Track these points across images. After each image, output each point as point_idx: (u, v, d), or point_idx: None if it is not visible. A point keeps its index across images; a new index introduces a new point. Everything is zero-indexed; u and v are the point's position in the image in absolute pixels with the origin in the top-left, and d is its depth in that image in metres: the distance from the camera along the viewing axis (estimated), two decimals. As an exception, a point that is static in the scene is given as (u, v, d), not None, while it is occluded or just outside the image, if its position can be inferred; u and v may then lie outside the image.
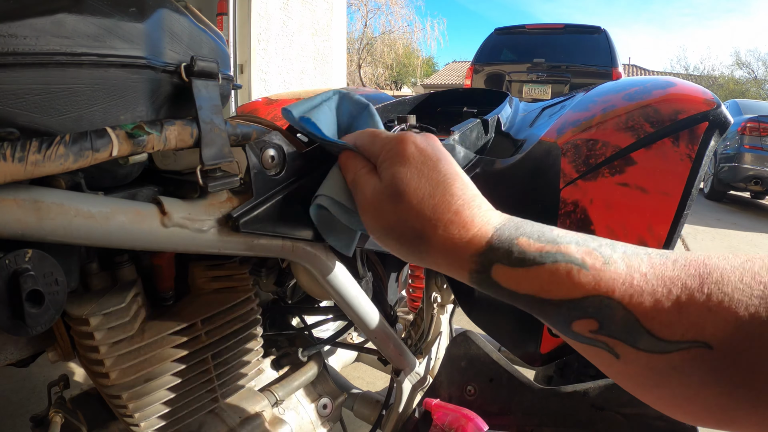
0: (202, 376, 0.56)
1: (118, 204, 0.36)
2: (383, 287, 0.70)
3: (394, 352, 0.72)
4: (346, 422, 0.89)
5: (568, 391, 0.65)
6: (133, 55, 0.36)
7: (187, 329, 0.53)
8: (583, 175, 0.59)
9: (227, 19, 3.04)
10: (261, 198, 0.42)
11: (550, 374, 0.97)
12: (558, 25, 5.47)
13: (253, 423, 0.65)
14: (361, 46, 22.93)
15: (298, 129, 0.47)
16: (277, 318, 0.83)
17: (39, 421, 0.55)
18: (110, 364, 0.47)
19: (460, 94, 1.18)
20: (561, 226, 0.59)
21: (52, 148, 0.31)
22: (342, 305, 0.59)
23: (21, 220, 0.31)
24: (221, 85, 0.43)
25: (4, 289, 0.33)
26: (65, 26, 0.32)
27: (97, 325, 0.45)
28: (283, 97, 1.06)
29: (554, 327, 0.30)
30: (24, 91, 0.31)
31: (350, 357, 1.13)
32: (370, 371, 1.57)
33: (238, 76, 3.22)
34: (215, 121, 0.41)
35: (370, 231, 0.38)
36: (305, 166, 0.46)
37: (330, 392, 0.81)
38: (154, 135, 0.37)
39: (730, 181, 5.71)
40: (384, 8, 23.03)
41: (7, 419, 1.27)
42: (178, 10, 0.42)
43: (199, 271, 0.57)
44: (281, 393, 0.72)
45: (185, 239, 0.40)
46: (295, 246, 0.48)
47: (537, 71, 5.19)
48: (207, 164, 0.40)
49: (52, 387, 0.59)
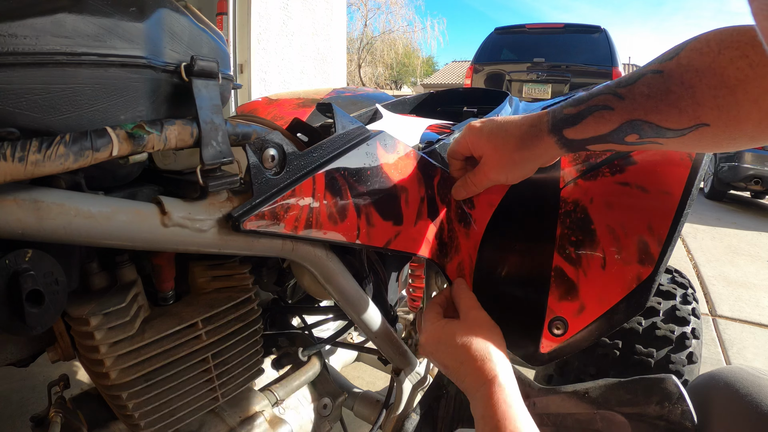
0: (202, 376, 0.56)
1: (118, 204, 0.36)
2: (383, 287, 0.70)
3: (395, 351, 0.72)
4: (346, 422, 0.89)
5: (568, 391, 0.65)
6: (133, 54, 0.36)
7: (187, 329, 0.53)
8: (583, 175, 0.59)
9: (227, 19, 3.03)
10: (261, 198, 0.42)
11: (550, 374, 0.97)
12: (558, 24, 5.46)
13: (253, 423, 0.65)
14: (361, 46, 22.92)
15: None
16: (277, 318, 0.83)
17: (39, 420, 0.55)
18: (110, 364, 0.47)
19: (461, 93, 1.18)
20: (561, 226, 0.59)
21: (53, 148, 0.31)
22: (342, 305, 0.59)
23: (21, 220, 0.31)
24: (221, 84, 0.43)
25: (4, 289, 0.33)
26: (65, 26, 0.32)
27: (97, 324, 0.45)
28: (283, 97, 1.06)
29: (616, 145, 0.45)
30: (24, 90, 0.31)
31: (350, 357, 1.13)
32: (370, 371, 1.57)
33: (237, 75, 3.22)
34: (215, 121, 0.41)
35: None
36: (305, 166, 0.46)
37: (330, 392, 0.81)
38: (154, 135, 0.37)
39: (730, 181, 5.71)
40: (384, 8, 23.05)
41: (7, 419, 1.27)
42: (178, 9, 0.42)
43: (199, 270, 0.57)
44: (281, 393, 0.72)
45: (185, 239, 0.40)
46: (295, 246, 0.48)
47: (537, 71, 5.19)
48: (207, 164, 0.40)
49: (52, 387, 0.59)
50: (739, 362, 1.93)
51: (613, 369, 0.90)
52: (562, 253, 0.58)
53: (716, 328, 2.23)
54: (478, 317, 0.54)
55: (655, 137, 0.43)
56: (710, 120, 0.39)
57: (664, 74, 0.40)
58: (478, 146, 0.54)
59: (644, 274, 0.54)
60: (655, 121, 0.41)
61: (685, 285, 1.04)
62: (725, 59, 0.37)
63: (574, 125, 0.45)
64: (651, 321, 0.93)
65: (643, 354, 0.89)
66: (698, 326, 0.95)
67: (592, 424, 0.62)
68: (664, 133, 0.42)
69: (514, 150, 0.50)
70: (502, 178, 0.54)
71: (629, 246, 0.55)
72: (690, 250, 3.58)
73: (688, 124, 0.40)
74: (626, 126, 0.43)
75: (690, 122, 0.40)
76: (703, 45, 0.39)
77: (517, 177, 0.54)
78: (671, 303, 0.97)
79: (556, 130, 0.47)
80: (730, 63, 0.37)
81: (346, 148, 0.49)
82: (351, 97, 1.05)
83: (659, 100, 0.41)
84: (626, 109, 0.42)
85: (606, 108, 0.43)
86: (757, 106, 0.36)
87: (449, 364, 0.52)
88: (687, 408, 0.57)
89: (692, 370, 0.89)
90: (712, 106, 0.38)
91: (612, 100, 0.43)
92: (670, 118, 0.40)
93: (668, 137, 0.42)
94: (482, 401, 0.47)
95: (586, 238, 0.57)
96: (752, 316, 2.38)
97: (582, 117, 0.45)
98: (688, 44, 0.40)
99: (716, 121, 0.39)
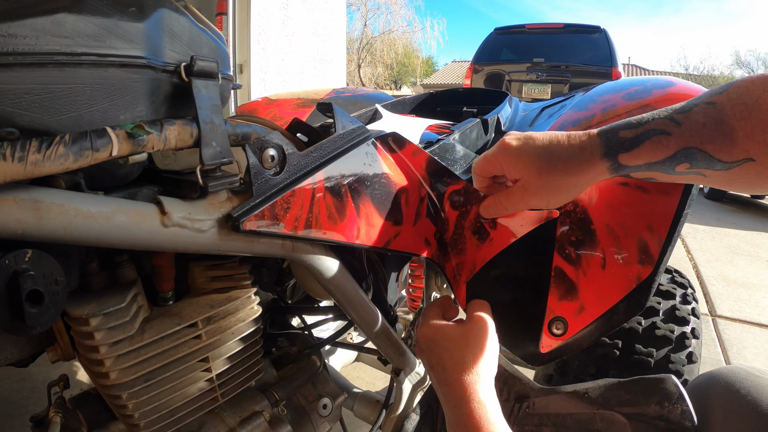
0: (202, 376, 0.56)
1: (118, 204, 0.36)
2: (383, 287, 0.70)
3: (394, 351, 0.72)
4: (346, 422, 0.89)
5: (568, 391, 0.65)
6: (132, 54, 0.36)
7: (187, 329, 0.53)
8: (583, 175, 0.59)
9: (227, 19, 3.03)
10: (261, 198, 0.42)
11: (550, 373, 0.97)
12: (558, 24, 5.46)
13: (253, 423, 0.65)
14: (360, 46, 22.92)
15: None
16: (277, 318, 0.83)
17: (39, 421, 0.55)
18: (110, 364, 0.47)
19: (460, 93, 1.18)
20: (561, 226, 0.59)
21: (52, 148, 0.31)
22: (342, 305, 0.59)
23: (21, 220, 0.31)
24: (221, 84, 0.43)
25: (4, 289, 0.33)
26: (65, 26, 0.32)
27: (97, 325, 0.45)
28: (282, 97, 1.06)
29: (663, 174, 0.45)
30: (24, 90, 0.31)
31: (350, 357, 1.13)
32: (370, 371, 1.57)
33: (237, 76, 3.22)
34: (215, 121, 0.41)
35: None
36: (305, 166, 0.46)
37: (330, 392, 0.81)
38: (154, 135, 0.37)
39: (730, 181, 5.70)
40: (384, 8, 23.05)
41: (7, 419, 1.27)
42: (177, 9, 0.41)
43: (199, 270, 0.57)
44: (281, 393, 0.72)
45: (185, 239, 0.40)
46: (295, 246, 0.48)
47: (537, 71, 5.19)
48: (207, 164, 0.40)
49: (52, 387, 0.59)
50: (738, 362, 1.93)
51: (613, 369, 0.90)
52: (562, 253, 0.58)
53: (716, 328, 2.23)
54: (479, 326, 0.53)
55: (705, 168, 0.42)
56: (757, 155, 0.39)
57: (717, 105, 0.41)
58: (515, 169, 0.48)
59: (644, 274, 0.54)
60: (710, 150, 0.41)
61: (684, 285, 1.04)
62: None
63: (630, 150, 0.43)
64: (651, 321, 0.93)
65: (643, 354, 0.89)
66: (698, 326, 0.95)
67: (592, 424, 0.62)
68: (714, 165, 0.41)
69: (561, 176, 0.46)
70: (543, 204, 0.49)
71: (629, 246, 0.55)
72: (690, 250, 3.58)
73: (738, 157, 0.40)
74: (681, 154, 0.42)
75: (739, 155, 0.40)
76: (748, 83, 0.40)
77: (560, 202, 0.50)
78: (671, 303, 0.97)
79: (611, 154, 0.44)
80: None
81: (346, 148, 0.49)
82: (351, 97, 1.05)
83: (714, 130, 0.40)
84: (683, 136, 0.41)
85: (663, 133, 0.42)
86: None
87: (434, 366, 0.51)
88: (687, 408, 0.57)
89: (692, 370, 0.89)
90: (760, 140, 0.39)
91: (669, 125, 0.42)
92: (723, 149, 0.40)
93: (716, 169, 0.42)
94: (462, 417, 0.46)
95: (585, 238, 0.57)
96: (752, 316, 2.38)
97: (640, 141, 0.43)
98: (735, 82, 0.41)
99: (762, 158, 0.39)
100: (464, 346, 0.50)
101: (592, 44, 5.11)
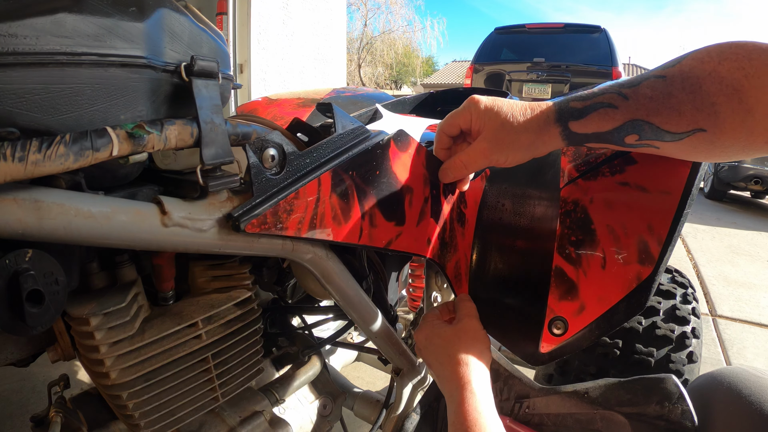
0: (202, 376, 0.56)
1: (119, 204, 0.36)
2: (383, 287, 0.70)
3: (395, 351, 0.72)
4: (346, 422, 0.89)
5: (568, 391, 0.65)
6: (133, 54, 0.36)
7: (187, 329, 0.53)
8: (583, 174, 0.59)
9: (227, 19, 3.03)
10: (261, 197, 0.42)
11: (550, 373, 0.97)
12: (558, 24, 5.46)
13: (253, 423, 0.65)
14: (361, 46, 22.92)
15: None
16: (277, 318, 0.83)
17: (39, 421, 0.55)
18: (110, 364, 0.47)
19: (461, 93, 1.18)
20: (561, 226, 0.59)
21: (53, 148, 0.31)
22: (342, 305, 0.59)
23: (21, 220, 0.31)
24: (221, 84, 0.43)
25: (4, 289, 0.33)
26: (65, 26, 0.32)
27: (98, 324, 0.45)
28: (283, 97, 1.06)
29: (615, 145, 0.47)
30: (24, 90, 0.31)
31: (350, 357, 1.13)
32: (370, 371, 1.57)
33: (237, 75, 3.22)
34: (215, 121, 0.41)
35: None
36: (305, 166, 0.46)
37: (330, 392, 0.81)
38: (154, 134, 0.37)
39: (730, 181, 5.71)
40: (384, 8, 23.05)
41: (7, 419, 1.27)
42: (178, 9, 0.41)
43: (199, 270, 0.57)
44: (281, 392, 0.72)
45: (185, 239, 0.40)
46: (295, 246, 0.48)
47: (537, 71, 5.18)
48: (207, 164, 0.40)
49: (52, 387, 0.59)
50: (739, 362, 1.93)
51: (613, 368, 0.90)
52: (562, 253, 0.58)
53: (716, 328, 2.23)
54: (468, 325, 0.57)
55: (653, 139, 0.44)
56: (707, 126, 0.41)
57: (667, 79, 0.42)
58: (480, 120, 0.52)
59: (644, 273, 0.54)
60: (656, 122, 0.43)
61: (685, 284, 1.04)
62: (724, 69, 0.39)
63: (579, 119, 0.47)
64: (651, 320, 0.93)
65: (644, 353, 0.89)
66: (698, 325, 0.95)
67: (592, 424, 0.62)
68: (663, 136, 0.43)
69: (521, 131, 0.49)
70: (502, 159, 0.52)
71: (629, 246, 0.55)
72: (690, 250, 3.58)
73: (686, 128, 0.42)
74: (628, 125, 0.44)
75: (688, 126, 0.41)
76: (704, 55, 0.41)
77: (517, 160, 0.52)
78: (671, 302, 0.97)
79: (562, 120, 0.48)
80: (728, 73, 0.39)
81: (346, 147, 0.49)
82: (351, 97, 1.05)
83: (661, 103, 0.42)
84: (629, 109, 0.43)
85: (611, 106, 0.45)
86: (751, 115, 0.38)
87: (433, 363, 0.56)
88: (687, 408, 0.57)
89: (692, 370, 0.89)
90: (709, 112, 0.40)
91: (617, 99, 0.44)
92: (670, 121, 0.42)
93: (666, 140, 0.43)
94: (454, 406, 0.49)
95: (586, 237, 0.57)
96: (752, 316, 2.38)
97: (587, 112, 0.46)
98: (691, 54, 0.42)
99: (712, 128, 0.40)
100: (457, 343, 0.55)
101: (592, 44, 5.11)
